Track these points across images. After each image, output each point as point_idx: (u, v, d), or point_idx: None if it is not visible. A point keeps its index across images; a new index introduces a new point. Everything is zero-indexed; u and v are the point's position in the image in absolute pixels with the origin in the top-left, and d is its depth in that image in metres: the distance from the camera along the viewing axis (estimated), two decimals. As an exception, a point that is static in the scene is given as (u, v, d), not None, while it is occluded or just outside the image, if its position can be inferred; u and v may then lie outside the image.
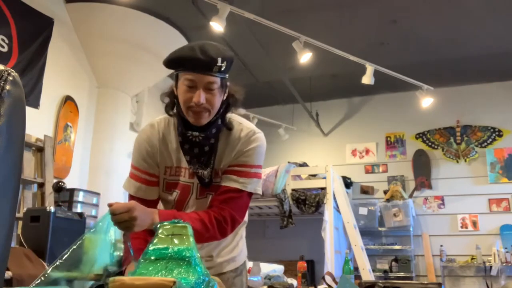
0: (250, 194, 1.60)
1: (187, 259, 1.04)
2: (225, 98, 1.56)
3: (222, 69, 1.48)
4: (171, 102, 1.60)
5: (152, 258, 1.04)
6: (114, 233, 1.37)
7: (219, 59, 1.46)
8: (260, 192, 1.65)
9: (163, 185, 1.66)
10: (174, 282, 0.90)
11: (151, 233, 1.51)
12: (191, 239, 1.10)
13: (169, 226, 1.11)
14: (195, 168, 1.57)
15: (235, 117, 1.64)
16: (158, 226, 1.12)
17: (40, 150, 4.33)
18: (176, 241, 1.08)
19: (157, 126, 1.65)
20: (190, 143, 1.56)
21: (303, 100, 6.56)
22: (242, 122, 1.64)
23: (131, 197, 1.62)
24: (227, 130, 1.58)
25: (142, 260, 1.05)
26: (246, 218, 1.79)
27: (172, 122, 1.63)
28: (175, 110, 1.59)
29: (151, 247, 1.07)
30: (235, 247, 1.75)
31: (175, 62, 1.50)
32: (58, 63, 4.65)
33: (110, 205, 1.35)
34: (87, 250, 1.36)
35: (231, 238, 1.70)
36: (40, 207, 4.08)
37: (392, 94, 6.91)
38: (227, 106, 1.58)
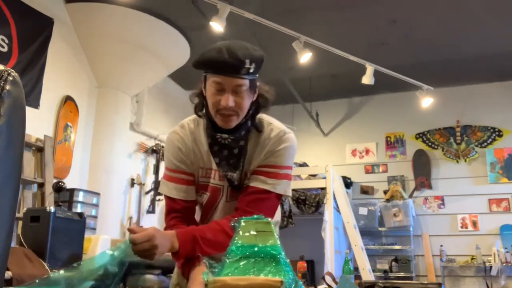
0: (278, 196, 1.55)
1: (274, 258, 0.99)
2: (254, 99, 1.52)
3: (251, 70, 1.43)
4: (200, 103, 1.56)
5: (238, 257, 0.98)
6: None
7: (247, 61, 1.41)
8: (290, 194, 1.61)
9: (195, 187, 1.63)
10: (282, 282, 0.85)
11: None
12: (276, 236, 1.04)
13: (251, 223, 1.05)
14: (224, 171, 1.54)
15: (265, 117, 1.60)
16: (240, 222, 1.06)
17: (40, 150, 4.33)
18: (260, 238, 1.02)
19: (187, 126, 1.61)
20: (220, 145, 1.53)
21: (303, 100, 6.56)
22: (272, 122, 1.60)
23: (171, 200, 1.57)
24: (257, 131, 1.55)
25: (226, 259, 1.00)
26: (278, 217, 1.75)
27: (202, 123, 1.59)
28: (204, 111, 1.55)
29: (235, 245, 1.01)
30: None
31: (203, 64, 1.46)
32: (58, 63, 4.65)
33: (130, 231, 1.31)
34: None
35: None
36: (40, 207, 4.08)
37: (392, 94, 6.91)
38: (257, 107, 1.54)
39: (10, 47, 4.05)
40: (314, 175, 5.38)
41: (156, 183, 5.59)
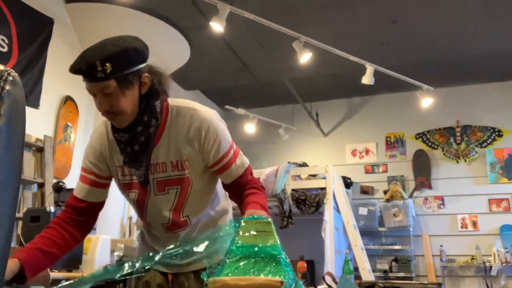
0: (248, 167, 1.64)
1: (274, 258, 0.98)
2: (144, 91, 1.45)
3: (108, 71, 1.33)
4: None
5: (238, 257, 0.98)
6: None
7: (98, 63, 1.32)
8: (247, 161, 1.68)
9: (120, 187, 1.64)
10: (282, 282, 0.85)
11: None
12: (276, 235, 1.04)
13: (251, 223, 1.05)
14: (128, 168, 1.54)
15: (182, 102, 1.56)
16: (240, 222, 1.06)
17: (40, 150, 4.33)
18: (260, 238, 1.02)
19: (105, 126, 1.60)
20: (122, 143, 1.51)
21: (303, 100, 6.55)
22: (192, 105, 1.56)
23: (71, 196, 1.60)
24: (156, 122, 1.48)
25: (226, 259, 0.99)
26: (229, 206, 1.76)
27: None
28: None
29: (235, 245, 1.01)
30: None
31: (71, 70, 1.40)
32: (58, 63, 4.65)
33: None
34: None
35: (212, 215, 1.68)
36: (40, 207, 4.08)
37: (392, 94, 6.91)
38: (149, 99, 1.46)
39: (10, 47, 4.05)
40: (314, 175, 5.37)
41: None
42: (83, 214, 1.59)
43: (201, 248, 1.20)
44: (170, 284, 1.67)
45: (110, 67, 1.33)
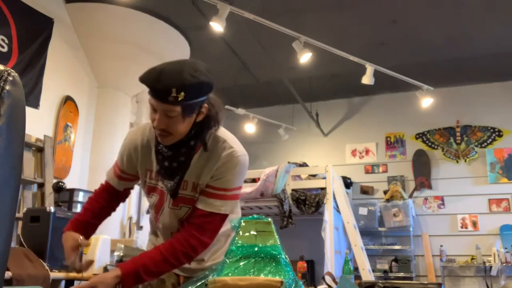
0: (225, 216, 1.58)
1: (274, 258, 0.98)
2: (199, 119, 1.50)
3: (180, 99, 1.37)
4: None
5: (238, 257, 0.98)
6: None
7: (174, 90, 1.36)
8: (238, 213, 1.68)
9: (144, 187, 1.71)
10: (282, 282, 0.85)
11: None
12: (276, 235, 1.04)
13: (251, 223, 1.05)
14: (161, 178, 1.60)
15: (222, 133, 1.60)
16: (240, 222, 1.06)
17: (40, 150, 4.33)
18: (260, 238, 1.02)
19: (142, 130, 1.67)
20: (161, 155, 1.57)
21: (303, 100, 6.56)
22: (227, 139, 1.59)
23: (106, 182, 1.81)
24: (204, 150, 1.55)
25: (226, 259, 0.99)
26: (227, 225, 1.77)
27: None
28: None
29: (235, 245, 1.01)
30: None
31: (141, 82, 1.43)
32: (58, 63, 4.65)
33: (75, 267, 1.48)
34: None
35: (223, 241, 1.71)
36: (40, 207, 4.08)
37: (392, 94, 6.91)
38: (202, 128, 1.52)
39: (10, 47, 4.05)
40: (314, 175, 5.37)
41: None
42: (110, 196, 1.83)
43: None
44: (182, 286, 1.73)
45: (183, 96, 1.37)
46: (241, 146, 1.62)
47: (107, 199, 1.80)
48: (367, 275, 4.84)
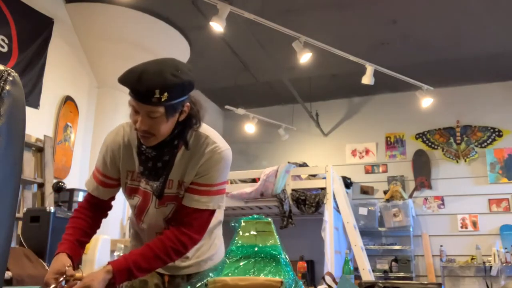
0: (212, 211, 1.59)
1: (274, 258, 0.98)
2: (182, 118, 1.50)
3: (163, 99, 1.36)
4: None
5: (238, 257, 0.98)
6: None
7: (157, 91, 1.35)
8: (223, 208, 1.66)
9: (124, 189, 1.68)
10: (282, 282, 0.85)
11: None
12: (276, 235, 1.04)
13: (251, 223, 1.05)
14: (145, 180, 1.59)
15: (203, 129, 1.59)
16: (240, 222, 1.05)
17: (40, 150, 4.33)
18: (260, 238, 1.02)
19: (122, 130, 1.65)
20: (145, 156, 1.56)
21: (303, 100, 6.55)
22: (210, 135, 1.59)
23: (89, 195, 1.71)
24: (185, 148, 1.55)
25: (226, 259, 0.99)
26: (221, 217, 1.80)
27: None
28: None
29: (235, 245, 1.01)
30: (211, 246, 1.76)
31: (120, 83, 1.42)
32: (58, 63, 4.65)
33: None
34: None
35: (207, 238, 1.70)
36: (40, 207, 4.08)
37: (392, 94, 6.91)
38: (184, 127, 1.52)
39: (10, 47, 4.05)
40: (314, 175, 5.37)
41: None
42: (93, 207, 1.72)
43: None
44: (167, 284, 1.73)
45: (167, 96, 1.37)
46: (224, 141, 1.62)
47: (92, 215, 1.70)
48: (367, 275, 4.84)
